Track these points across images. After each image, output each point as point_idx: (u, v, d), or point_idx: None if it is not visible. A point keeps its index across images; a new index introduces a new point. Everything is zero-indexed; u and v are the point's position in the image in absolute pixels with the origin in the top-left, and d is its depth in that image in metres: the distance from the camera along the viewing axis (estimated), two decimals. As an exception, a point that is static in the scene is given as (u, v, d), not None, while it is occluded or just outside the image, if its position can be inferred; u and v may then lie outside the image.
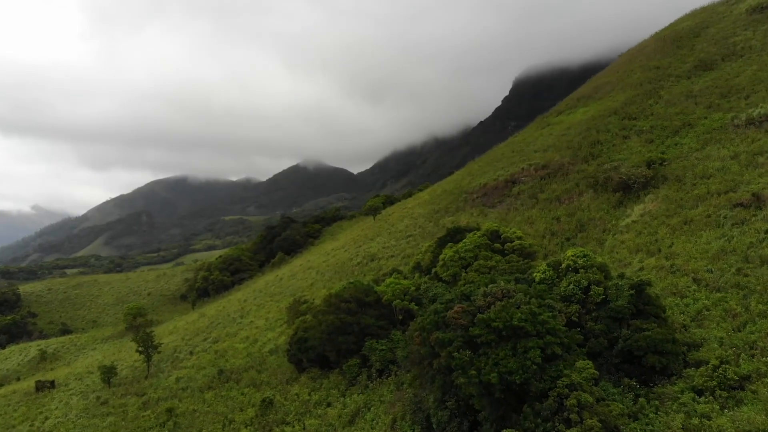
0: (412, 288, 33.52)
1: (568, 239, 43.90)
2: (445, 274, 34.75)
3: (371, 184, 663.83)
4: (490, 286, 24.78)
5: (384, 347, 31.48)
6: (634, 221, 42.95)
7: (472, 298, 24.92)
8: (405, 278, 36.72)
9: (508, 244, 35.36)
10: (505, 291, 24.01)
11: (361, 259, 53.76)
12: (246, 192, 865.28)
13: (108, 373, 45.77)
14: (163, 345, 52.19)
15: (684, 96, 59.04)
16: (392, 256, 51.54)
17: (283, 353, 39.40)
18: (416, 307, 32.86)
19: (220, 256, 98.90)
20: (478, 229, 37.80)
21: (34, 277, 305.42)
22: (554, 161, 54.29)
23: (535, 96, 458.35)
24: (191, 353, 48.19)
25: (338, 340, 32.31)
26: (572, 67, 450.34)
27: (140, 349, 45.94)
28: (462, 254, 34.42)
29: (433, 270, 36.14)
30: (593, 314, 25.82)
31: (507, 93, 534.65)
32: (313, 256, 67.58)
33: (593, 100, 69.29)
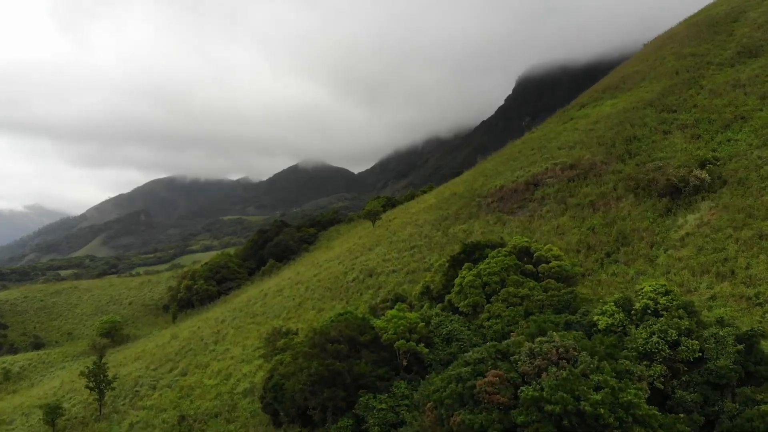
0: (420, 324, 25.69)
1: (608, 255, 36.04)
2: (462, 303, 26.93)
3: (372, 184, 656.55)
4: (539, 340, 16.94)
5: (384, 405, 23.65)
6: (689, 233, 35.11)
7: (511, 357, 17.11)
8: (410, 307, 28.87)
9: (543, 265, 27.51)
10: (561, 350, 16.20)
11: (357, 274, 45.90)
12: (246, 192, 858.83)
13: (52, 413, 37.96)
14: (125, 375, 44.43)
15: (730, 85, 51.19)
16: (393, 271, 43.71)
17: (259, 395, 31.58)
18: (426, 350, 25.05)
19: (206, 263, 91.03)
20: (502, 245, 29.94)
21: (27, 278, 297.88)
22: (584, 160, 46.42)
23: (539, 95, 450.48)
24: (154, 388, 40.40)
25: (324, 395, 24.46)
26: (576, 65, 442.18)
27: (90, 384, 38.13)
28: (485, 278, 26.60)
29: (447, 297, 28.30)
30: (683, 378, 18.02)
31: (510, 92, 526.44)
32: (303, 267, 59.74)
33: (621, 91, 61.36)
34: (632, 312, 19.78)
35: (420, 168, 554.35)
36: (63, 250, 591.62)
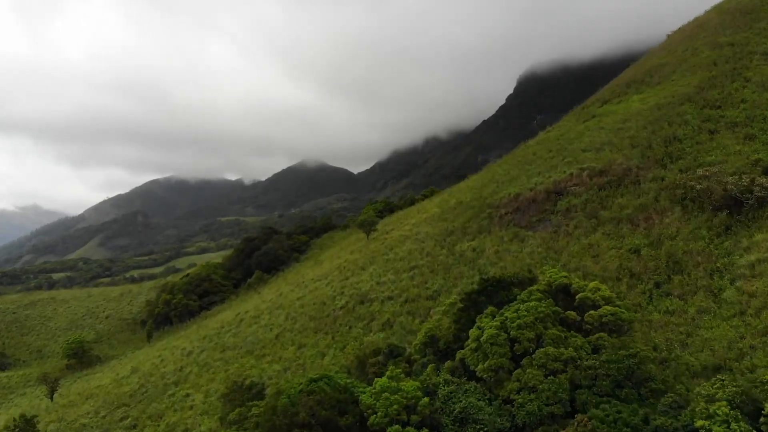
0: (423, 399, 18.44)
1: (657, 285, 28.79)
2: (481, 366, 19.66)
3: (372, 184, 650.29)
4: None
5: None
6: (760, 260, 27.73)
7: None
8: (409, 364, 21.60)
9: (592, 312, 20.25)
10: None
11: (346, 300, 38.63)
12: (245, 192, 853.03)
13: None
14: (70, 420, 37.18)
15: (782, 77, 44.07)
16: (389, 299, 36.45)
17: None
18: (431, 439, 17.78)
19: (187, 275, 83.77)
20: (532, 280, 22.67)
21: (18, 281, 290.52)
22: (616, 164, 39.16)
23: (541, 93, 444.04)
24: (97, 443, 33.12)
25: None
26: (579, 63, 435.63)
27: (15, 443, 30.87)
28: (514, 332, 19.35)
29: (459, 354, 21.02)
30: None
31: (511, 91, 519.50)
32: (287, 286, 52.45)
33: (649, 86, 54.12)
34: (762, 419, 12.57)
35: (420, 168, 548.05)
36: (60, 252, 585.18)
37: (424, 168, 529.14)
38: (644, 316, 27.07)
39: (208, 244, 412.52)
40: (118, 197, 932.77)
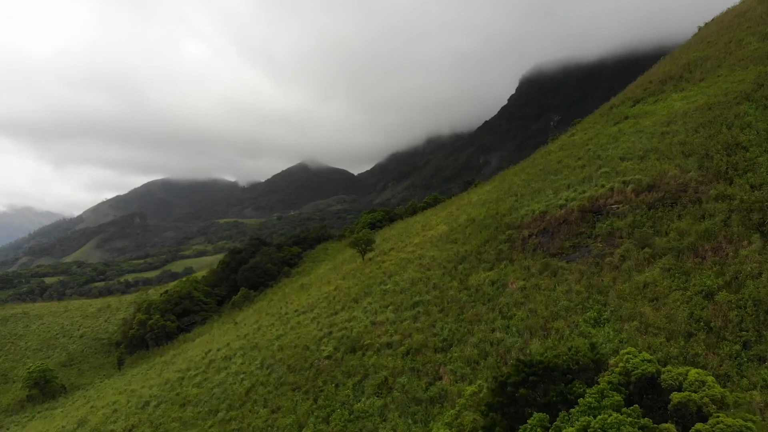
0: None
1: (745, 346, 21.30)
2: None
3: (372, 185, 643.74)
4: None
5: None
6: None
7: None
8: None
9: (701, 426, 12.87)
10: None
11: (334, 346, 31.20)
12: (244, 193, 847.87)
13: None
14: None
15: None
16: (388, 346, 29.06)
17: None
18: None
19: (166, 292, 76.32)
20: (598, 365, 15.27)
21: (10, 286, 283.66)
22: (667, 177, 31.72)
23: (544, 94, 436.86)
24: None
25: None
26: (582, 64, 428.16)
27: None
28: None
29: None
30: None
31: (513, 92, 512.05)
32: (267, 318, 44.94)
33: (690, 82, 46.77)
34: None
35: (421, 169, 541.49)
36: (57, 254, 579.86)
37: (425, 169, 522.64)
38: (737, 398, 19.74)
39: (205, 247, 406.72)
40: (117, 198, 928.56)
